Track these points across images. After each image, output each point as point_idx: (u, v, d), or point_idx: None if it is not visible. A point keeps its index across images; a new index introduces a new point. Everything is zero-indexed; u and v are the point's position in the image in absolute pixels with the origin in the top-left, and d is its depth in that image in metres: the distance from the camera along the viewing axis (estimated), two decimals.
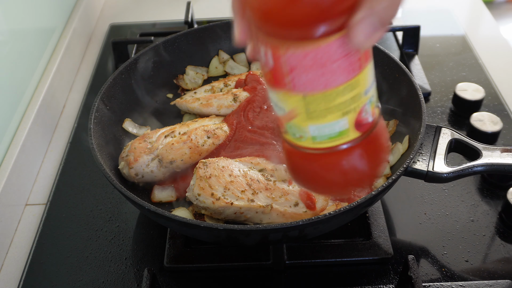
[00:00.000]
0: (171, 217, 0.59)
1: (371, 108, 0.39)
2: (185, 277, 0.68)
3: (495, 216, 0.74)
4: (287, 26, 0.34)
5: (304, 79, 0.36)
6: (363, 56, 0.36)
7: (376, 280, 0.66)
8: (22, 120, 0.86)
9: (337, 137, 0.39)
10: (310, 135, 0.40)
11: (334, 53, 0.35)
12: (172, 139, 0.75)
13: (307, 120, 0.39)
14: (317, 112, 0.38)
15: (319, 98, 0.37)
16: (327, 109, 0.37)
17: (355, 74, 0.36)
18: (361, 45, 0.34)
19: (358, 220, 0.72)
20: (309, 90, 0.37)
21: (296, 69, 0.36)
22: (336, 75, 0.36)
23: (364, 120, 0.39)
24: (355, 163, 0.41)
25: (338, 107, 0.37)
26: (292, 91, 0.38)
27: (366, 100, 0.38)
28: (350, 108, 0.38)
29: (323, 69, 0.35)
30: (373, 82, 0.39)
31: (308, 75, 0.36)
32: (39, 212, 0.80)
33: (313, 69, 0.36)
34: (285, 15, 0.34)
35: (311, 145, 0.41)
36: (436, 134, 0.70)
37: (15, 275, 0.71)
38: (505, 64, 1.05)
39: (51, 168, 0.87)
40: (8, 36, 0.87)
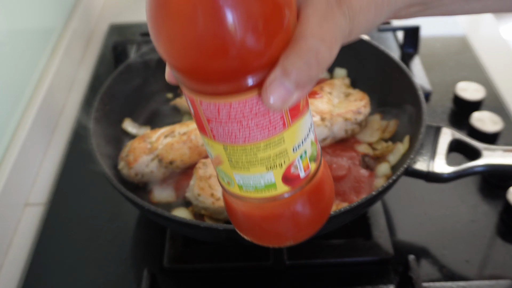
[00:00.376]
0: (171, 217, 0.59)
1: (303, 163, 0.37)
2: (184, 277, 0.68)
3: (495, 216, 0.74)
4: (196, 80, 0.32)
5: (221, 132, 0.35)
6: (289, 115, 0.34)
7: (376, 280, 0.66)
8: (22, 120, 0.86)
9: (264, 189, 0.38)
10: (236, 183, 0.38)
11: (248, 111, 0.33)
12: (172, 139, 0.75)
13: (231, 168, 0.37)
14: (240, 163, 0.36)
15: (239, 151, 0.35)
16: (249, 162, 0.36)
17: (277, 132, 0.34)
18: (273, 107, 0.31)
19: (358, 220, 0.72)
20: (228, 142, 0.35)
21: (213, 121, 0.34)
22: (254, 132, 0.34)
23: (294, 176, 0.37)
24: (288, 216, 0.39)
25: (260, 162, 0.36)
26: (214, 140, 0.36)
27: (296, 156, 0.36)
28: (275, 163, 0.36)
29: (239, 125, 0.34)
30: (307, 138, 0.37)
31: (225, 128, 0.34)
32: (39, 212, 0.80)
33: (229, 124, 0.34)
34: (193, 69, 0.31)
35: (239, 192, 0.39)
36: (436, 134, 0.70)
37: (15, 275, 0.71)
38: (505, 64, 1.05)
39: (51, 168, 0.87)
40: (7, 36, 0.86)
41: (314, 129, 0.39)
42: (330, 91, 0.82)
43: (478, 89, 0.92)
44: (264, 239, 0.42)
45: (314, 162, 0.39)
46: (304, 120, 0.36)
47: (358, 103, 0.79)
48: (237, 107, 0.33)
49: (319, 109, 0.77)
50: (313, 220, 0.41)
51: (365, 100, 0.80)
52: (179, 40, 0.30)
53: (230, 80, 0.31)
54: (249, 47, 0.29)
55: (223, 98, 0.32)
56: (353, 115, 0.77)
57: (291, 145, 0.36)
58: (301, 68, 0.31)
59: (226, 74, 0.31)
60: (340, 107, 0.80)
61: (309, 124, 0.37)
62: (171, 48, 0.31)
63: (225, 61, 0.30)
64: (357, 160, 0.75)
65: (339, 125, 0.76)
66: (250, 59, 0.30)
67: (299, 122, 0.36)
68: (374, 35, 1.09)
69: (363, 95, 0.81)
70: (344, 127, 0.77)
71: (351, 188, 0.72)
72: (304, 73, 0.31)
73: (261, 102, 0.32)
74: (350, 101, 0.80)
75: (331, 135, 0.76)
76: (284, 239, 0.42)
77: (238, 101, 0.32)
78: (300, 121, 0.36)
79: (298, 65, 0.30)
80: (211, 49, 0.29)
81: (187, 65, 0.31)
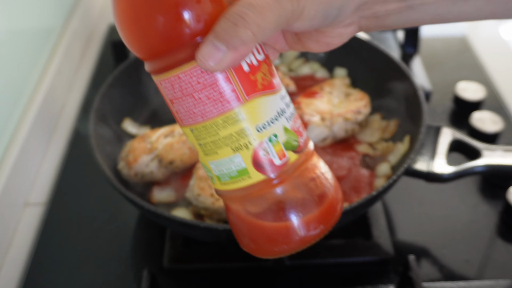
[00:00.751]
0: (170, 217, 0.59)
1: (275, 148, 0.37)
2: (184, 277, 0.68)
3: (495, 216, 0.74)
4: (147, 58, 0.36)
5: (183, 112, 0.37)
6: (241, 88, 0.35)
7: (377, 280, 0.66)
8: (22, 120, 0.86)
9: (238, 178, 0.37)
10: (214, 174, 0.39)
11: (196, 82, 0.35)
12: (172, 139, 0.75)
13: (204, 156, 0.38)
14: (207, 146, 0.37)
15: (202, 130, 0.36)
16: (214, 142, 0.37)
17: (233, 107, 0.35)
18: (204, 66, 0.33)
19: (358, 220, 0.72)
20: (191, 122, 0.37)
21: (174, 102, 0.37)
22: (208, 106, 0.35)
23: (265, 160, 0.37)
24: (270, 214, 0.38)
25: (224, 141, 0.36)
26: (182, 125, 0.38)
27: (262, 138, 0.36)
28: (240, 144, 0.36)
29: (193, 100, 0.35)
30: (276, 121, 0.37)
31: (183, 106, 0.36)
32: (39, 212, 0.79)
33: (185, 101, 0.36)
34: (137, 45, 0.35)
35: (220, 187, 0.39)
36: (436, 134, 0.70)
37: (15, 275, 0.71)
38: (505, 64, 1.05)
39: (51, 168, 0.87)
40: (7, 36, 0.86)
41: (295, 119, 0.39)
42: (330, 91, 0.82)
43: (478, 89, 0.92)
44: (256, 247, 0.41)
45: (294, 153, 0.38)
46: (268, 100, 0.36)
47: (358, 103, 0.79)
48: (185, 79, 0.35)
49: (319, 109, 0.77)
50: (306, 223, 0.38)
51: (365, 100, 0.80)
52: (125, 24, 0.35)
53: (171, 50, 0.34)
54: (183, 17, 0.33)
55: (172, 72, 0.35)
56: (353, 115, 0.77)
57: (254, 123, 0.36)
58: (228, 28, 0.33)
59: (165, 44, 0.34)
60: (340, 107, 0.80)
61: (278, 107, 0.37)
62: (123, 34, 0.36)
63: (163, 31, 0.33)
64: (357, 160, 0.75)
65: (339, 125, 0.76)
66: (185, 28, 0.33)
67: (260, 100, 0.36)
68: (374, 35, 1.09)
69: (363, 95, 0.81)
70: (344, 127, 0.77)
71: (351, 188, 0.72)
72: (231, 32, 0.33)
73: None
74: (350, 101, 0.80)
75: (331, 135, 0.76)
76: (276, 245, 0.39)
77: (184, 72, 0.35)
78: (260, 99, 0.36)
79: (225, 25, 0.33)
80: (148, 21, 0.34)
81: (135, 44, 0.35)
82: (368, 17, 0.39)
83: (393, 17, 0.38)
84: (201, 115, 0.36)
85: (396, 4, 0.38)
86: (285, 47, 0.43)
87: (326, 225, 0.39)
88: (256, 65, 0.36)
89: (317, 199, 0.39)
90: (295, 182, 0.38)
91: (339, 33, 0.40)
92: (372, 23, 0.39)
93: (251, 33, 0.33)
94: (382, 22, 0.39)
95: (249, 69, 0.36)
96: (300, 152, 0.38)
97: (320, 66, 0.93)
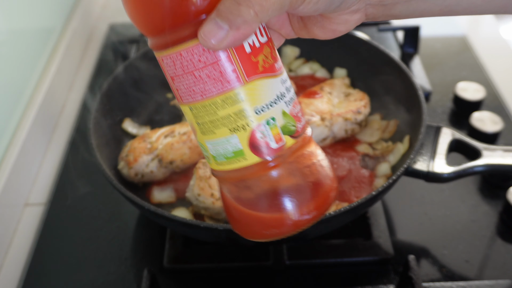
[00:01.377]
0: (171, 217, 0.59)
1: (272, 132, 0.37)
2: (184, 277, 0.68)
3: (495, 216, 0.74)
4: (150, 33, 0.37)
5: (183, 89, 0.37)
6: (242, 69, 0.35)
7: (377, 280, 0.66)
8: (22, 120, 0.86)
9: (233, 158, 0.37)
10: (210, 154, 0.39)
11: (197, 60, 0.35)
12: (172, 139, 0.75)
13: (201, 135, 0.38)
14: (205, 125, 0.37)
15: (201, 109, 0.37)
16: (212, 122, 0.37)
17: (232, 87, 0.35)
18: (208, 45, 0.34)
19: (358, 220, 0.72)
20: (190, 100, 0.37)
21: (175, 79, 0.37)
22: (209, 85, 0.36)
23: (262, 143, 0.37)
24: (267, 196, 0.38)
25: (222, 121, 0.36)
26: (181, 103, 0.38)
27: (260, 120, 0.36)
28: (238, 125, 0.36)
29: (193, 78, 0.36)
30: (275, 104, 0.37)
31: (184, 84, 0.36)
32: (39, 212, 0.79)
33: (186, 78, 0.36)
34: (142, 20, 0.36)
35: (215, 166, 0.39)
36: (436, 134, 0.70)
37: (15, 275, 0.71)
38: (505, 64, 1.05)
39: (51, 168, 0.87)
40: (7, 36, 0.86)
41: (295, 104, 0.39)
42: (330, 91, 0.82)
43: (478, 89, 0.92)
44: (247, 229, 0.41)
45: (290, 138, 0.38)
46: (269, 82, 0.37)
47: (358, 103, 0.79)
48: (186, 56, 0.35)
49: (319, 109, 0.77)
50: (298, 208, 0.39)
51: (365, 100, 0.80)
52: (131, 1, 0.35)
53: (174, 27, 0.35)
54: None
55: (174, 48, 0.35)
56: (353, 115, 0.77)
57: (253, 105, 0.36)
58: (231, 7, 0.33)
59: (169, 21, 0.34)
60: (340, 107, 0.80)
61: (278, 90, 0.37)
62: (128, 9, 0.36)
63: (168, 7, 0.34)
64: (357, 160, 0.75)
65: (339, 125, 0.76)
66: (190, 5, 0.34)
67: (260, 82, 0.36)
68: (374, 35, 1.09)
69: (363, 95, 0.81)
70: (344, 127, 0.77)
71: (351, 188, 0.72)
72: (234, 11, 0.33)
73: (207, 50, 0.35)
74: (350, 101, 0.80)
75: (331, 135, 0.76)
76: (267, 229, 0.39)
77: (186, 49, 0.35)
78: (261, 81, 0.36)
79: (228, 4, 0.33)
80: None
81: (140, 19, 0.36)
82: (375, 5, 0.38)
83: (400, 6, 0.38)
84: (200, 94, 0.36)
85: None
86: (290, 33, 0.43)
87: (318, 211, 0.40)
88: (258, 46, 0.36)
89: (311, 185, 0.39)
90: (290, 167, 0.38)
91: (345, 20, 0.39)
92: (379, 11, 0.39)
93: (253, 12, 0.33)
94: (389, 11, 0.39)
95: (251, 50, 0.36)
96: (297, 137, 0.39)
97: (320, 66, 0.93)
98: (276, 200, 0.38)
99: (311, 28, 0.41)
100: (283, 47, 0.93)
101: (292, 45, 0.93)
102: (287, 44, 0.93)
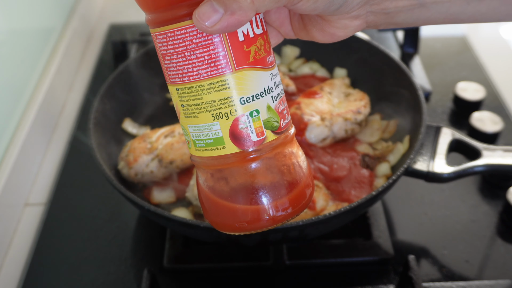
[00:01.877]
0: (171, 217, 0.59)
1: (254, 124, 0.37)
2: (184, 277, 0.68)
3: (495, 216, 0.74)
4: (147, 9, 0.37)
5: (172, 69, 0.37)
6: (232, 56, 0.36)
7: (376, 280, 0.66)
8: (22, 120, 0.86)
9: (213, 146, 0.38)
10: (191, 139, 0.39)
11: (190, 40, 0.35)
12: (172, 139, 0.75)
13: (185, 118, 0.39)
14: (189, 109, 0.38)
15: (187, 91, 0.37)
16: (196, 106, 0.37)
17: (221, 72, 0.36)
18: (201, 27, 0.34)
19: (358, 220, 0.72)
20: (178, 81, 0.37)
21: (165, 57, 0.37)
22: (198, 67, 0.36)
23: (242, 134, 0.37)
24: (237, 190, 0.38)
25: (206, 106, 0.37)
26: (169, 83, 0.38)
27: (244, 111, 0.37)
28: (221, 112, 0.37)
29: (183, 58, 0.36)
30: (261, 97, 0.37)
31: (174, 63, 0.37)
32: (39, 212, 0.79)
33: (176, 57, 0.36)
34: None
35: (194, 152, 0.39)
36: (436, 134, 0.70)
37: (15, 275, 0.71)
38: (505, 64, 1.05)
39: (51, 168, 0.87)
40: (7, 36, 0.86)
41: (281, 101, 0.39)
42: (330, 91, 0.82)
43: (478, 89, 0.92)
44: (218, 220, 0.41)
45: (273, 133, 0.38)
46: (258, 74, 0.37)
47: (358, 103, 0.79)
48: (180, 36, 0.36)
49: (319, 109, 0.77)
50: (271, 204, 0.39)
51: (365, 100, 0.80)
52: None
53: (171, 5, 0.35)
54: None
55: (168, 27, 0.36)
56: (353, 115, 0.77)
57: (239, 94, 0.36)
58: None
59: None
60: (340, 107, 0.80)
61: (266, 84, 0.37)
62: None
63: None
64: (357, 160, 0.75)
65: (339, 125, 0.76)
66: None
67: (249, 72, 0.36)
68: (374, 35, 1.09)
69: (363, 95, 0.81)
70: (344, 127, 0.77)
71: (351, 188, 0.72)
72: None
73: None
74: (350, 101, 0.80)
75: (331, 135, 0.76)
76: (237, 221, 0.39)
77: (180, 29, 0.35)
78: (250, 71, 0.36)
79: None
80: None
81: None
82: (377, 13, 0.38)
83: (403, 14, 0.38)
84: (188, 75, 0.37)
85: (407, 1, 0.37)
86: (290, 33, 0.43)
87: (292, 210, 0.40)
88: (251, 37, 0.37)
89: (286, 183, 0.39)
90: (268, 162, 0.38)
91: (345, 25, 0.39)
92: (381, 19, 0.39)
93: (250, 0, 0.33)
94: (392, 19, 0.38)
95: (244, 39, 0.36)
96: (279, 133, 0.39)
97: (320, 66, 0.93)
98: (249, 194, 0.38)
99: (311, 30, 0.41)
100: (283, 47, 0.93)
101: (292, 45, 0.93)
102: (287, 44, 0.93)
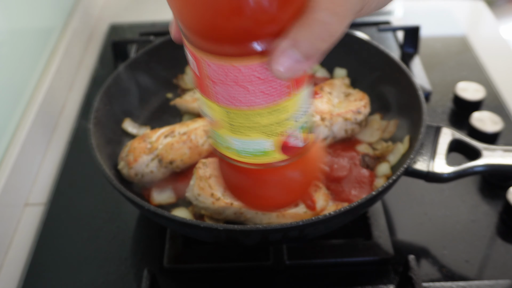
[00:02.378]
0: (171, 217, 0.59)
1: (302, 134, 0.38)
2: (184, 277, 0.68)
3: (495, 216, 0.74)
4: (208, 39, 0.32)
5: (226, 95, 0.35)
6: (295, 83, 0.35)
7: (376, 280, 0.66)
8: (22, 120, 0.86)
9: (261, 156, 0.38)
10: (234, 148, 0.39)
11: (257, 77, 0.33)
12: (172, 139, 0.75)
13: (231, 133, 0.38)
14: (241, 129, 0.37)
15: (241, 115, 0.36)
16: (250, 128, 0.36)
17: (282, 100, 0.35)
18: (281, 76, 0.32)
19: (358, 220, 0.72)
20: (232, 106, 0.36)
21: (218, 84, 0.35)
22: (259, 98, 0.34)
23: (292, 145, 0.38)
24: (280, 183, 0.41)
25: (261, 128, 0.36)
26: (216, 103, 0.36)
27: (296, 126, 0.37)
28: (276, 132, 0.37)
29: (245, 90, 0.34)
30: (308, 108, 0.37)
31: (231, 92, 0.35)
32: (39, 212, 0.79)
33: (235, 88, 0.34)
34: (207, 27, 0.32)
35: (235, 157, 0.40)
36: (436, 134, 0.70)
37: (15, 275, 0.71)
38: (505, 64, 1.05)
39: (51, 168, 0.87)
40: (7, 36, 0.86)
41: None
42: (330, 91, 0.82)
43: (478, 89, 0.92)
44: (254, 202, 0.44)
45: (311, 134, 0.40)
46: (308, 90, 0.37)
47: (358, 103, 0.79)
48: (245, 72, 0.33)
49: (319, 109, 0.77)
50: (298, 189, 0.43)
51: (365, 100, 0.80)
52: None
53: (242, 41, 0.31)
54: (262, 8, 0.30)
55: (233, 61, 0.32)
56: (353, 115, 0.77)
57: (294, 114, 0.36)
58: (311, 41, 0.31)
59: (239, 34, 0.31)
60: (340, 107, 0.80)
61: (310, 94, 0.38)
62: (185, 5, 0.31)
63: (239, 20, 0.30)
64: (357, 160, 0.75)
65: (339, 125, 0.76)
66: (263, 21, 0.30)
67: (303, 92, 0.36)
68: (374, 35, 1.09)
69: (363, 95, 0.81)
70: (344, 127, 0.77)
71: (351, 188, 0.72)
72: (314, 46, 0.31)
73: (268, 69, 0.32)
74: (350, 101, 0.80)
75: (331, 135, 0.76)
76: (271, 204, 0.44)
77: (247, 66, 0.33)
78: (303, 91, 0.36)
79: (309, 37, 0.31)
80: (226, 7, 0.30)
81: (201, 22, 0.32)
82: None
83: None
84: (247, 104, 0.35)
85: None
86: None
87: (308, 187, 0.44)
88: None
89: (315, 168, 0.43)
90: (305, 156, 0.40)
91: None
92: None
93: (330, 45, 0.32)
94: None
95: None
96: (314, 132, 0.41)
97: (320, 66, 0.93)
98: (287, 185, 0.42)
99: None
100: None
101: None
102: None
